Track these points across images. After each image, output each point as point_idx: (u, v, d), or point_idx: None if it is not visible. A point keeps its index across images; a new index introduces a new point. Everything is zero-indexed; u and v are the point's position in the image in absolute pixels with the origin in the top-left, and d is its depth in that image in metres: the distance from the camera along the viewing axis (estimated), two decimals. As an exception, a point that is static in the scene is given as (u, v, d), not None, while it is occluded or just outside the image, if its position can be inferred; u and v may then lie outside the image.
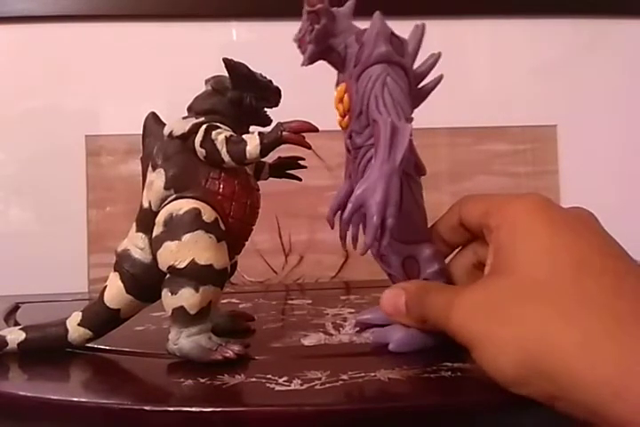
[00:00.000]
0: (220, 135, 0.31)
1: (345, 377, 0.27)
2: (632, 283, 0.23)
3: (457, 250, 0.34)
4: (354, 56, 0.32)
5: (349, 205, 0.29)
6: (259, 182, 0.35)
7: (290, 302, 0.53)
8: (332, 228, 0.34)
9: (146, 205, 0.33)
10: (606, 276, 0.23)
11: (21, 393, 0.28)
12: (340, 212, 0.33)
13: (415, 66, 0.34)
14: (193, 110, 0.34)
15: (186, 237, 0.30)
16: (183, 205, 0.31)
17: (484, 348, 0.24)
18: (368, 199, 0.29)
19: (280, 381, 0.27)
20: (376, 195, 0.29)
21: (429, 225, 0.34)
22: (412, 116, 0.34)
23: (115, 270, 0.33)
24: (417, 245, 0.33)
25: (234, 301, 0.51)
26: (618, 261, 0.24)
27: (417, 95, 0.34)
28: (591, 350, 0.21)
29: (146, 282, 0.32)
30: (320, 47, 0.32)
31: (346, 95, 0.32)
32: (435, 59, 0.34)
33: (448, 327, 0.27)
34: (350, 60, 0.32)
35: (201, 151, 0.31)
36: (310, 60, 0.33)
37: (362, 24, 0.33)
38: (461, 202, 0.32)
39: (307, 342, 0.35)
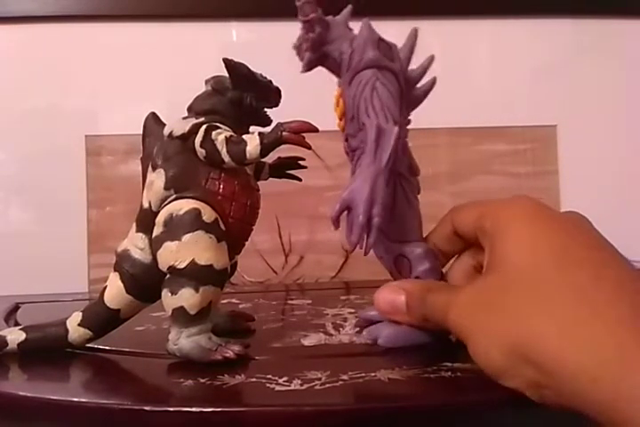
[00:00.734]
0: (220, 135, 0.31)
1: (345, 377, 0.27)
2: (615, 271, 0.24)
3: (456, 256, 0.34)
4: (347, 62, 0.32)
5: (337, 206, 0.30)
6: (259, 182, 0.36)
7: (290, 302, 0.53)
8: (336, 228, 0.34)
9: (146, 205, 0.33)
10: (588, 265, 0.24)
11: (21, 393, 0.27)
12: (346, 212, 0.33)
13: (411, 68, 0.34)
14: (193, 110, 0.34)
15: (186, 237, 0.30)
16: (183, 206, 0.31)
17: (475, 341, 0.25)
18: (355, 199, 0.30)
19: (280, 381, 0.27)
20: (362, 195, 0.30)
21: (428, 225, 0.34)
22: (410, 117, 0.35)
23: (115, 270, 0.33)
24: (408, 244, 0.34)
25: (234, 301, 0.51)
26: (602, 253, 0.25)
27: (413, 98, 0.34)
28: (570, 337, 0.22)
29: (146, 282, 0.32)
30: (316, 55, 0.33)
31: (341, 100, 0.33)
32: (428, 62, 0.35)
33: (446, 325, 0.27)
34: (344, 66, 0.33)
35: (201, 151, 0.31)
36: (308, 68, 0.33)
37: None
38: (453, 211, 0.33)
39: (307, 342, 0.35)
